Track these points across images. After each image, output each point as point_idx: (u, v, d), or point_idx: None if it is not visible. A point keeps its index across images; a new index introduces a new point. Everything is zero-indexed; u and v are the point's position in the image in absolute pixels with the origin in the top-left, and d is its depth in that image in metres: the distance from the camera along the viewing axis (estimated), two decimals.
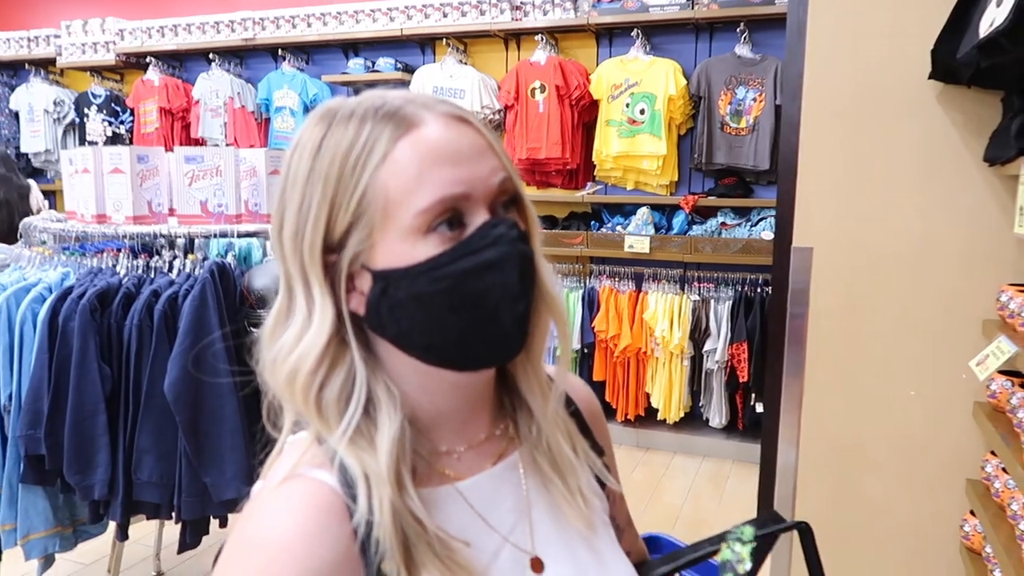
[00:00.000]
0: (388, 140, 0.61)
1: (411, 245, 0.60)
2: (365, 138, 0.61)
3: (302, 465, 0.63)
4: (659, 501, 3.58)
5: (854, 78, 1.77)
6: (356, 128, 0.62)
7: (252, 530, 0.60)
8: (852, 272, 1.84)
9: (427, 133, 0.61)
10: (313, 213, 0.62)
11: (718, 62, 4.01)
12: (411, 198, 0.60)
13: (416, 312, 0.61)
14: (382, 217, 0.60)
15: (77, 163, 2.19)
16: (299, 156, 0.64)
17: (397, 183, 0.60)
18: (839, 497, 1.93)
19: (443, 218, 0.60)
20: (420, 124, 0.61)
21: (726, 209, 4.15)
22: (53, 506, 1.99)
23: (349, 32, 4.73)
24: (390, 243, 0.61)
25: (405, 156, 0.60)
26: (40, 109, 5.62)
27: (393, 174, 0.60)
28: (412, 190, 0.60)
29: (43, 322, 1.86)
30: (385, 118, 0.62)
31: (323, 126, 0.63)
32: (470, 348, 0.63)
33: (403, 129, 0.61)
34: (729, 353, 3.96)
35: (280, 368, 0.64)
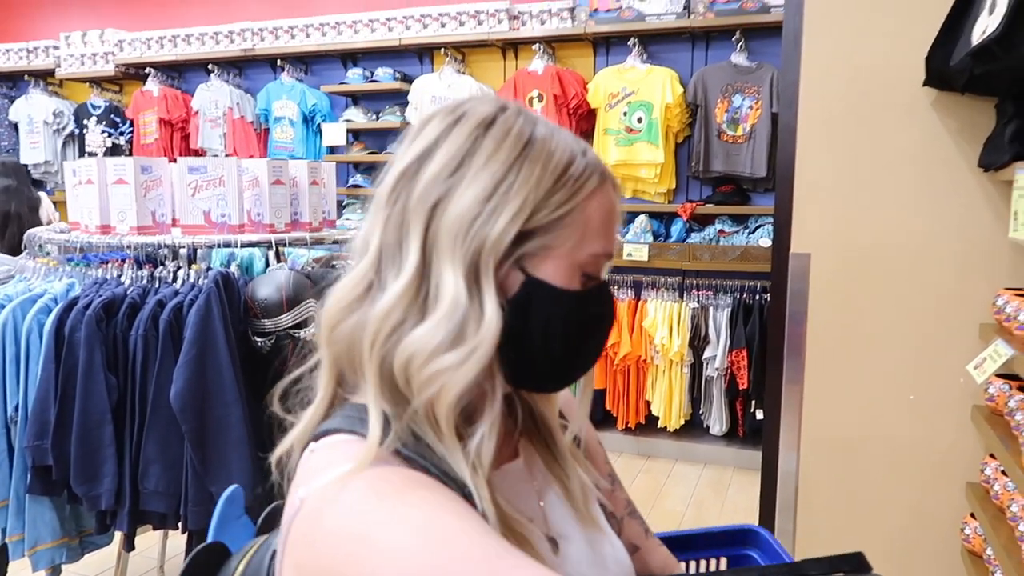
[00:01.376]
0: (599, 178, 0.67)
1: (570, 274, 0.66)
2: (584, 162, 0.66)
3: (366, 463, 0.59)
4: (661, 509, 3.59)
5: (850, 85, 1.80)
6: (571, 145, 0.67)
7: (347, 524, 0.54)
8: (850, 278, 1.86)
9: (613, 194, 0.69)
10: (518, 200, 0.62)
11: (714, 70, 4.05)
12: (597, 240, 0.66)
13: (542, 327, 0.65)
14: (574, 237, 0.65)
15: (81, 174, 2.20)
16: (491, 135, 0.64)
17: (595, 218, 0.66)
18: (839, 502, 1.95)
19: (597, 266, 0.68)
20: (608, 179, 0.68)
21: (724, 216, 4.18)
22: (60, 517, 1.99)
23: (348, 42, 4.76)
24: (560, 262, 0.65)
25: (606, 200, 0.67)
26: (40, 120, 5.64)
27: (597, 209, 0.66)
28: (600, 235, 0.66)
29: (49, 332, 1.87)
30: (597, 164, 0.68)
31: (517, 119, 0.66)
32: (548, 374, 0.70)
33: (604, 178, 0.68)
34: (729, 360, 3.97)
35: (430, 365, 0.60)
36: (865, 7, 1.77)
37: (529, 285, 0.64)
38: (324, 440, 0.64)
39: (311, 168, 2.33)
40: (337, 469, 0.58)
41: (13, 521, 1.94)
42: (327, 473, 0.58)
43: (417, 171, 0.64)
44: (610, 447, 4.35)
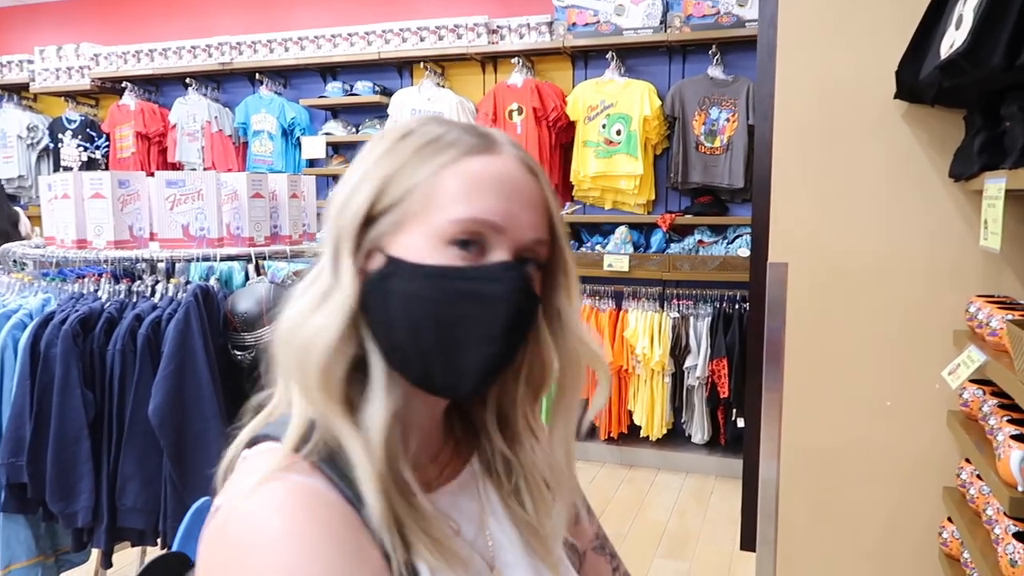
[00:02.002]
0: (459, 152, 0.65)
1: (429, 247, 0.63)
2: (450, 138, 0.66)
3: (279, 471, 0.60)
4: (644, 518, 3.60)
5: (823, 98, 1.83)
6: (446, 128, 0.67)
7: (246, 531, 0.57)
8: (826, 286, 1.88)
9: (497, 163, 0.65)
10: (368, 184, 0.65)
11: (691, 83, 4.10)
12: (455, 205, 0.62)
13: (402, 309, 0.62)
14: (421, 210, 0.63)
15: (57, 188, 2.18)
16: (381, 138, 0.68)
17: (450, 189, 0.63)
18: (820, 508, 1.96)
19: (468, 237, 0.63)
20: (498, 153, 0.66)
21: (703, 227, 4.22)
22: (35, 535, 1.96)
23: (326, 56, 4.76)
24: (415, 236, 0.63)
25: (472, 169, 0.64)
26: (13, 135, 5.58)
27: (455, 177, 0.63)
28: (459, 200, 0.63)
29: (24, 348, 1.84)
30: (474, 133, 0.67)
31: (420, 123, 0.68)
32: (427, 368, 0.63)
33: (483, 148, 0.65)
34: (709, 369, 4.00)
35: (297, 332, 0.63)
36: (837, 22, 1.80)
37: (387, 263, 0.64)
38: (256, 447, 0.65)
39: (291, 181, 2.33)
40: (252, 478, 0.59)
41: None
42: (244, 482, 0.60)
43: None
44: (593, 457, 4.36)
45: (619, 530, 3.45)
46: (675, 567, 3.09)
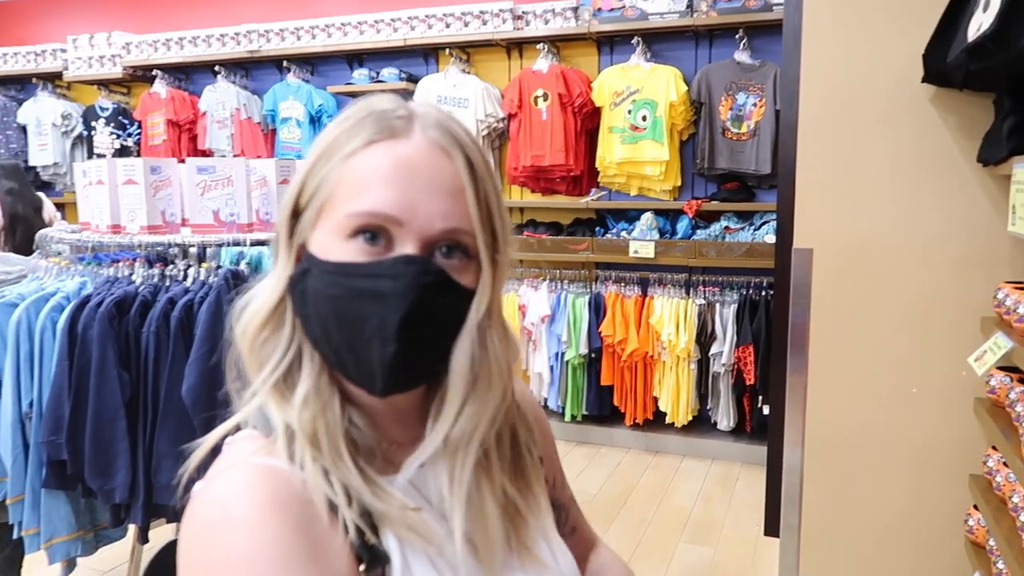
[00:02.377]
0: (363, 141, 0.63)
1: (334, 242, 0.62)
2: (348, 131, 0.64)
3: (253, 456, 0.63)
4: (668, 504, 3.61)
5: (849, 82, 1.82)
6: (354, 120, 0.65)
7: (213, 512, 0.59)
8: (852, 272, 1.87)
9: (398, 149, 0.62)
10: (296, 177, 0.66)
11: (718, 68, 4.06)
12: (351, 199, 0.61)
13: (315, 305, 0.64)
14: (326, 206, 0.63)
15: (91, 175, 2.24)
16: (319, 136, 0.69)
17: (349, 181, 0.62)
18: (844, 495, 1.96)
19: (366, 230, 0.61)
20: (399, 137, 0.63)
21: (729, 213, 4.19)
22: (75, 510, 2.02)
23: (353, 43, 4.79)
24: (323, 232, 0.63)
25: (368, 161, 0.62)
26: (48, 123, 5.69)
27: (351, 171, 0.62)
28: (355, 193, 0.61)
29: (63, 330, 1.90)
30: (375, 121, 0.64)
31: (350, 109, 0.68)
32: (347, 365, 0.64)
33: (382, 136, 0.63)
34: (735, 356, 3.99)
35: (243, 317, 0.68)
36: (864, 5, 1.78)
37: (303, 258, 0.65)
38: (240, 433, 0.68)
39: None
40: (226, 463, 0.63)
41: (29, 515, 1.97)
42: (217, 466, 0.64)
43: None
44: (618, 443, 4.37)
45: (643, 516, 3.47)
46: (699, 552, 3.10)
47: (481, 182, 0.64)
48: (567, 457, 4.20)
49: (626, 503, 3.62)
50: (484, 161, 0.65)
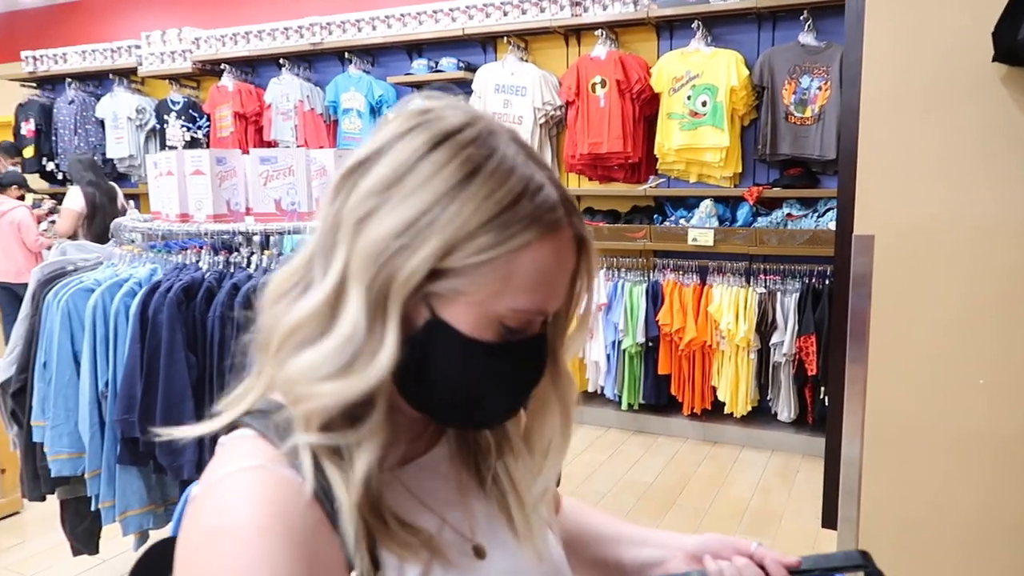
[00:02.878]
0: (543, 229, 0.60)
1: (482, 324, 0.61)
2: (531, 207, 0.59)
3: (259, 461, 0.60)
4: (726, 495, 3.57)
5: (914, 62, 1.75)
6: (524, 183, 0.59)
7: (215, 519, 0.57)
8: (916, 259, 1.82)
9: (557, 248, 0.61)
10: (439, 238, 0.57)
11: (781, 51, 3.96)
12: (520, 293, 0.60)
13: (439, 371, 0.62)
14: (492, 287, 0.59)
15: (161, 166, 2.33)
16: (434, 155, 0.59)
17: (525, 272, 0.59)
18: (905, 488, 1.91)
19: (521, 325, 0.62)
20: (559, 231, 0.61)
21: (792, 200, 4.10)
22: (147, 485, 2.13)
23: (412, 33, 4.85)
24: (471, 309, 0.60)
25: (543, 259, 0.60)
26: (124, 117, 5.93)
27: (530, 263, 0.59)
28: (524, 288, 0.59)
29: (135, 315, 2.00)
30: (543, 210, 0.60)
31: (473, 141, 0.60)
32: (455, 416, 0.67)
33: (551, 230, 0.60)
34: (797, 346, 3.91)
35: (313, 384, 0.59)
36: None
37: (434, 325, 0.60)
38: (234, 433, 0.64)
39: None
40: (229, 467, 0.59)
41: (105, 489, 2.08)
42: (220, 470, 0.60)
43: (361, 174, 0.61)
44: (675, 432, 4.34)
45: (700, 506, 3.44)
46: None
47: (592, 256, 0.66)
48: (623, 446, 4.20)
49: (682, 492, 3.60)
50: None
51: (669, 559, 0.86)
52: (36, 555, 2.97)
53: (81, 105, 6.14)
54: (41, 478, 2.27)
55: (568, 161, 4.47)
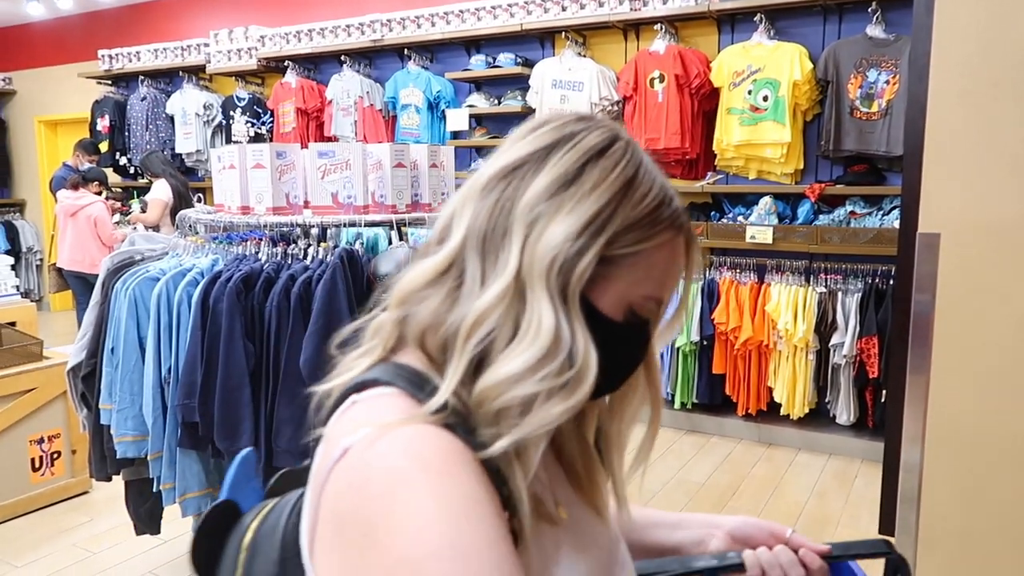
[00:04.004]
0: (675, 231, 0.69)
1: (620, 307, 0.68)
2: (669, 211, 0.68)
3: (415, 412, 0.61)
4: (781, 498, 3.50)
5: (986, 54, 1.68)
6: (664, 190, 0.69)
7: (402, 461, 0.56)
8: (983, 259, 1.75)
9: (682, 243, 0.70)
10: (606, 234, 0.65)
11: (848, 44, 3.85)
12: (653, 282, 0.69)
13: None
14: (635, 276, 0.67)
15: (224, 160, 2.40)
16: (600, 164, 0.66)
17: (660, 265, 0.69)
18: (968, 497, 1.84)
19: (646, 313, 0.70)
20: (683, 232, 0.70)
21: (855, 197, 3.98)
22: (205, 469, 2.20)
23: (471, 29, 4.87)
24: (615, 294, 0.67)
25: (668, 254, 0.69)
26: (192, 113, 6.13)
27: (664, 258, 0.69)
28: (657, 278, 0.69)
29: (196, 303, 2.06)
30: (674, 215, 0.69)
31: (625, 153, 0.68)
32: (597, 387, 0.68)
33: (680, 231, 0.70)
34: (858, 348, 3.80)
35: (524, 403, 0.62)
36: None
37: (584, 306, 0.65)
38: (367, 392, 0.65)
39: (431, 151, 2.43)
40: (386, 419, 0.60)
41: (166, 471, 2.16)
42: (376, 423, 0.59)
43: (523, 175, 0.66)
44: (729, 433, 4.27)
45: (753, 508, 3.38)
46: None
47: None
48: (675, 445, 4.15)
49: (735, 494, 3.54)
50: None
51: (708, 538, 0.90)
52: (103, 533, 3.10)
53: (152, 102, 6.37)
54: (108, 459, 2.36)
55: None
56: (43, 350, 3.40)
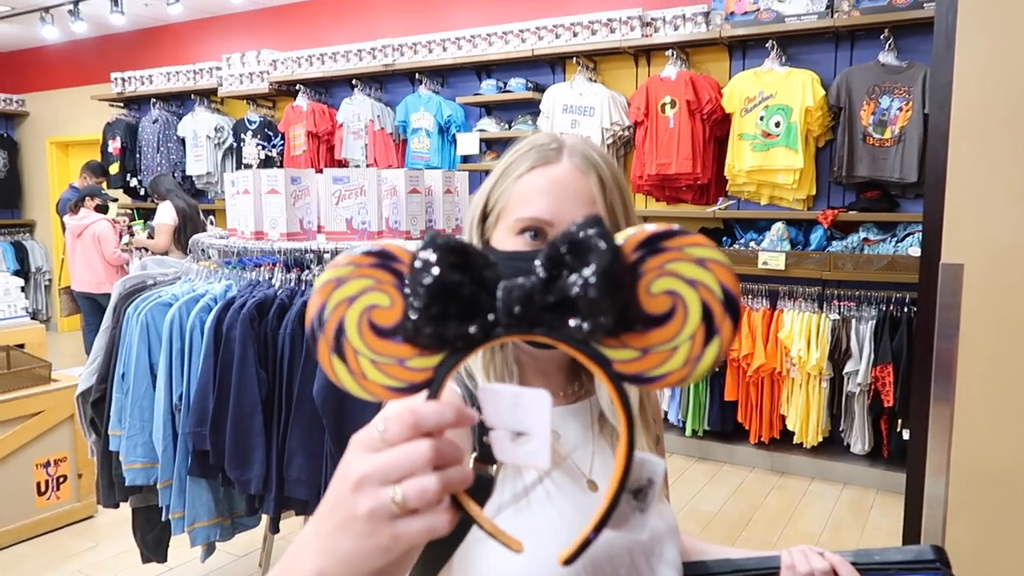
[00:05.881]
0: (527, 166, 0.84)
1: (507, 238, 0.83)
2: (518, 159, 0.86)
3: None
4: (794, 528, 3.44)
5: (1009, 83, 1.67)
6: (521, 152, 0.86)
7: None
8: (1008, 290, 1.72)
9: (551, 171, 0.83)
10: (480, 195, 0.87)
11: (860, 71, 3.85)
12: (520, 207, 0.82)
13: None
14: (503, 212, 0.84)
15: (239, 185, 2.39)
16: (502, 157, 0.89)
17: (519, 195, 0.83)
18: (993, 533, 1.80)
19: (529, 230, 0.81)
20: (552, 163, 0.83)
21: (869, 224, 3.96)
22: (215, 498, 2.17)
23: (482, 55, 4.89)
24: (501, 232, 0.84)
25: (530, 181, 0.83)
26: (203, 135, 6.16)
27: (519, 189, 0.83)
28: (523, 204, 0.82)
29: (209, 329, 2.04)
30: (537, 151, 0.85)
31: (519, 143, 0.88)
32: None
33: (540, 162, 0.84)
34: (873, 376, 3.75)
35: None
36: None
37: (485, 248, 0.81)
38: None
39: (445, 177, 2.42)
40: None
41: (176, 500, 2.13)
42: None
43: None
44: (741, 461, 4.22)
45: (767, 539, 3.32)
46: None
47: (609, 193, 0.83)
48: (686, 473, 4.09)
49: (748, 524, 3.48)
50: (614, 177, 0.84)
51: None
52: (107, 560, 3.07)
53: (164, 124, 6.40)
54: (116, 486, 2.33)
55: (635, 182, 4.42)
56: (51, 373, 3.39)
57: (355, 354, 0.50)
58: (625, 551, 0.83)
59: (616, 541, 0.82)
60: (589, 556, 0.78)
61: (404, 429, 0.46)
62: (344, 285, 0.50)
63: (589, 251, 0.48)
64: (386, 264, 0.50)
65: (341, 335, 0.50)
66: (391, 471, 0.46)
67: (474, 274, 0.49)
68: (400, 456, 0.46)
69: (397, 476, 0.46)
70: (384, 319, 0.50)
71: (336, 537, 0.49)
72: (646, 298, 0.50)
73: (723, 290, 0.51)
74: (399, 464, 0.46)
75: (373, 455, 0.47)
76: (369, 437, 0.48)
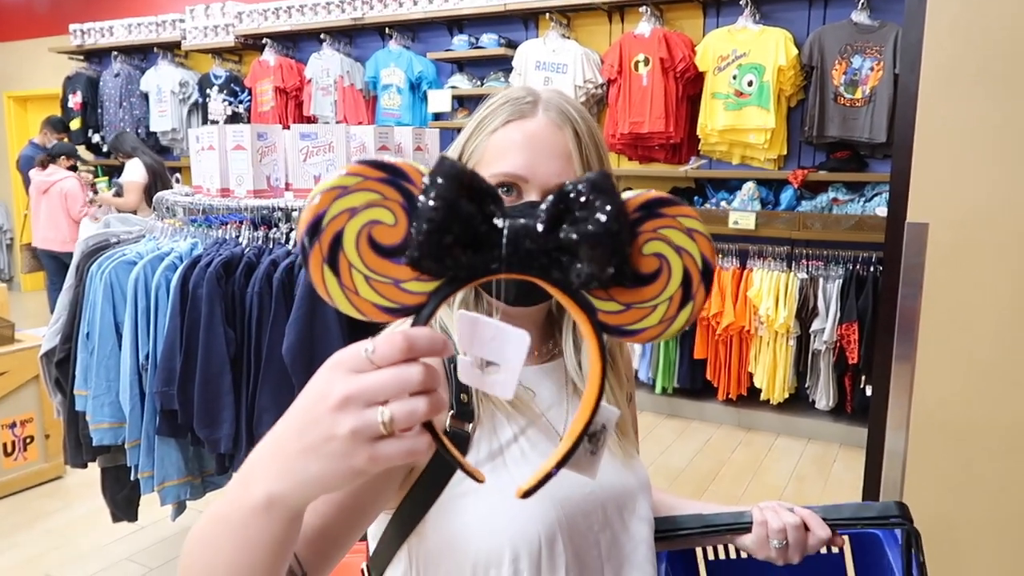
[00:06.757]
0: (502, 120, 0.83)
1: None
2: (492, 112, 0.85)
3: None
4: (760, 482, 3.52)
5: (979, 43, 1.67)
6: (496, 105, 0.85)
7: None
8: (971, 249, 1.75)
9: (526, 126, 0.82)
10: (454, 150, 0.85)
11: (833, 30, 3.84)
12: (495, 162, 0.81)
13: None
14: (478, 167, 0.82)
15: (203, 141, 2.34)
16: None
17: (493, 149, 0.82)
18: (951, 485, 1.86)
19: (504, 185, 0.80)
20: (527, 117, 0.82)
21: (838, 184, 3.99)
22: (184, 457, 2.16)
23: (454, 9, 4.80)
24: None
25: (505, 135, 0.82)
26: (167, 90, 5.99)
27: (493, 143, 0.82)
28: (497, 158, 0.81)
29: (175, 288, 2.01)
30: (512, 105, 0.84)
31: (493, 98, 0.86)
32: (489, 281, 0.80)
33: (515, 117, 0.83)
34: (838, 334, 3.82)
35: None
36: None
37: None
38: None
39: (415, 134, 2.39)
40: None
41: (144, 459, 2.12)
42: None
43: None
44: (709, 418, 4.30)
45: (734, 492, 3.40)
46: None
47: (585, 148, 0.82)
48: (656, 430, 4.16)
49: (715, 479, 3.56)
50: (590, 131, 0.83)
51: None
52: (77, 519, 3.06)
53: (126, 78, 6.22)
54: (83, 446, 2.31)
55: (608, 141, 4.40)
56: (14, 332, 3.32)
57: (350, 268, 0.48)
58: (598, 506, 0.84)
59: (590, 497, 0.83)
60: (564, 512, 0.81)
61: (396, 352, 0.46)
62: (348, 195, 0.48)
63: (597, 202, 0.48)
64: (395, 181, 0.48)
65: (338, 247, 0.48)
66: (379, 392, 0.46)
67: (483, 208, 0.48)
68: (391, 377, 0.46)
69: (384, 397, 0.46)
70: (386, 237, 0.48)
71: (304, 458, 0.49)
72: (638, 257, 0.53)
73: (704, 260, 0.54)
74: (388, 385, 0.46)
75: (360, 375, 0.46)
76: (354, 357, 0.47)
